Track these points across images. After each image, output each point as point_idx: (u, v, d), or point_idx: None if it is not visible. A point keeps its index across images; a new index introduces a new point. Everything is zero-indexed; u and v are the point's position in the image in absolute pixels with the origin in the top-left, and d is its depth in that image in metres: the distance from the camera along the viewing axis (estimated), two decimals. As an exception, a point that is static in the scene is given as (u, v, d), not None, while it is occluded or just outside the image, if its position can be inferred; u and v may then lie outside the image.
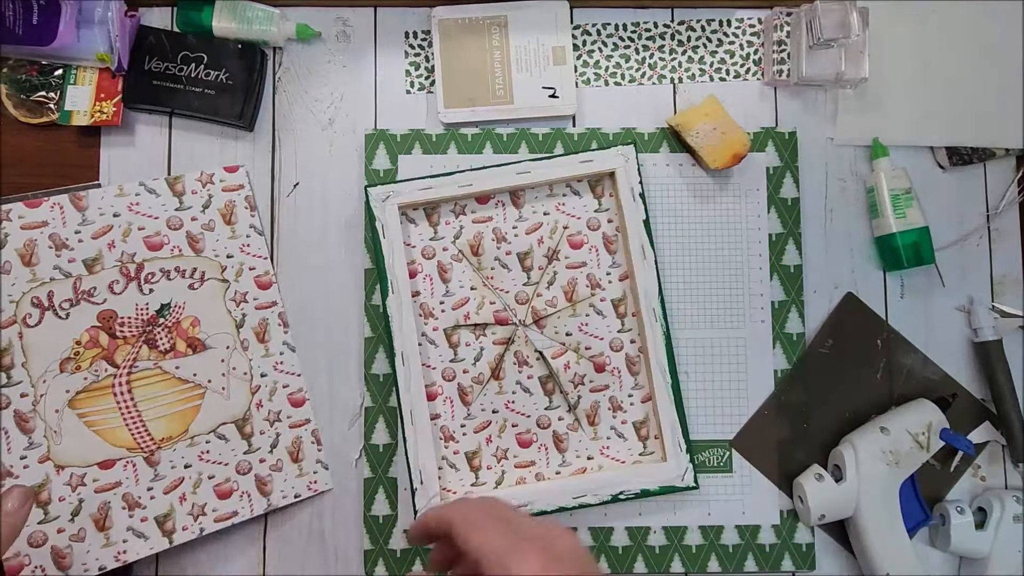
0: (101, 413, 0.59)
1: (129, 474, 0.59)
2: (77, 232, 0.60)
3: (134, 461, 0.59)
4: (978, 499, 0.64)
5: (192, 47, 0.64)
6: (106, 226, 0.60)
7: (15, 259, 0.58)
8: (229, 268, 0.62)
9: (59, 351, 0.58)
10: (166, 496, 0.60)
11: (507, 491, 0.61)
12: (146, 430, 0.60)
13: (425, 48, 0.67)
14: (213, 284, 0.62)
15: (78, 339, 0.59)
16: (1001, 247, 0.67)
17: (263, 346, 0.62)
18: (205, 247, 0.62)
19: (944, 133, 0.67)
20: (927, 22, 0.68)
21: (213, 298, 0.62)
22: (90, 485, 0.58)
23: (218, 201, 0.63)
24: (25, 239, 0.58)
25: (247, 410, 0.62)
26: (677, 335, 0.64)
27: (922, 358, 0.65)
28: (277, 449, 0.62)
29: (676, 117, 0.64)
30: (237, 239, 0.63)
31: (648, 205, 0.63)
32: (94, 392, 0.59)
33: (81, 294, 0.59)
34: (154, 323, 0.60)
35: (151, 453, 0.60)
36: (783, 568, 0.62)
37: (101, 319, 0.59)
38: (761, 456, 0.63)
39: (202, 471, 0.60)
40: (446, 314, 0.63)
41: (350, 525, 0.63)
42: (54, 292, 0.59)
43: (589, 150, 0.64)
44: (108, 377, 0.59)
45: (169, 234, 0.61)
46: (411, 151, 0.65)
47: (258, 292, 0.63)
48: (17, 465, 0.57)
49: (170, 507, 0.60)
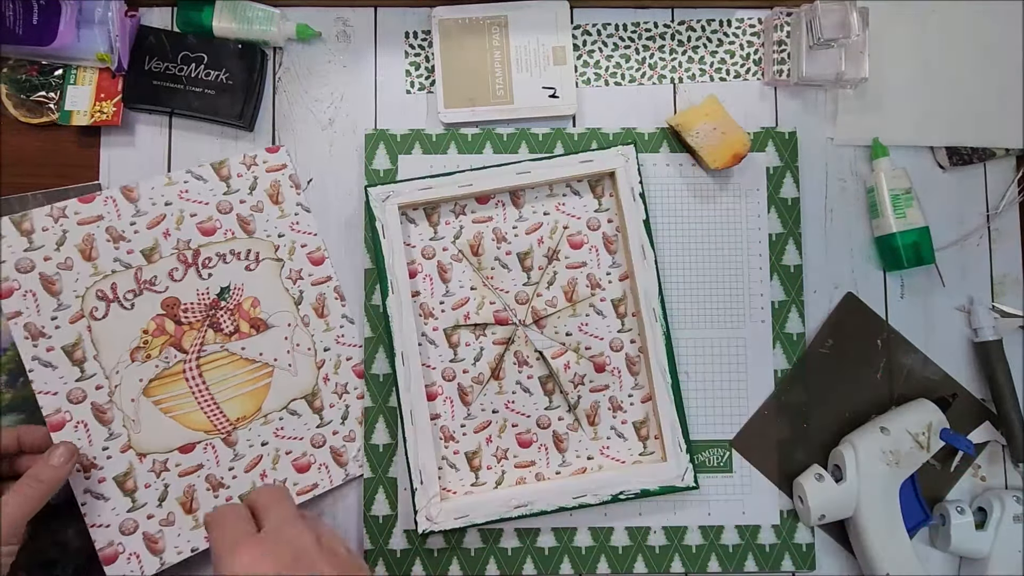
0: (176, 399, 0.60)
1: (210, 456, 0.60)
2: (132, 223, 0.60)
3: (213, 443, 0.60)
4: (978, 499, 0.64)
5: (192, 47, 0.64)
6: (159, 215, 0.61)
7: (76, 255, 0.59)
8: (282, 247, 0.63)
9: (128, 341, 0.59)
10: (247, 474, 0.61)
11: (507, 491, 0.61)
12: (221, 412, 0.61)
13: (425, 48, 0.67)
14: (268, 264, 0.63)
15: (145, 328, 0.60)
16: (1001, 247, 0.67)
17: (323, 321, 0.63)
18: (256, 228, 0.63)
19: (944, 133, 0.67)
20: (927, 22, 0.68)
21: (270, 278, 0.63)
22: (173, 470, 0.60)
23: (264, 182, 0.63)
24: (83, 234, 0.59)
25: (315, 384, 0.63)
26: (677, 335, 0.64)
27: (922, 358, 0.65)
28: (348, 420, 0.63)
29: (676, 117, 0.64)
30: (286, 218, 0.63)
31: (648, 205, 0.63)
32: (166, 379, 0.60)
33: (143, 284, 0.60)
34: (216, 307, 0.61)
35: (228, 434, 0.61)
36: (783, 568, 0.62)
37: (165, 307, 0.60)
38: (761, 456, 0.63)
39: (279, 447, 0.61)
40: (446, 314, 0.63)
41: (350, 525, 0.63)
42: (117, 284, 0.60)
43: (589, 150, 0.64)
44: (178, 363, 0.60)
45: (220, 218, 0.62)
46: (411, 151, 0.65)
47: (312, 268, 0.64)
48: (100, 456, 0.58)
49: (252, 484, 0.61)
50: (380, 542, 0.62)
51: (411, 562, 0.61)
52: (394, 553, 0.62)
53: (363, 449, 0.62)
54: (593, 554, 0.62)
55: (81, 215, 0.59)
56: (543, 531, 0.62)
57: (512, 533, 0.62)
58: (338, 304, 0.64)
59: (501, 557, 0.62)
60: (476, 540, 0.62)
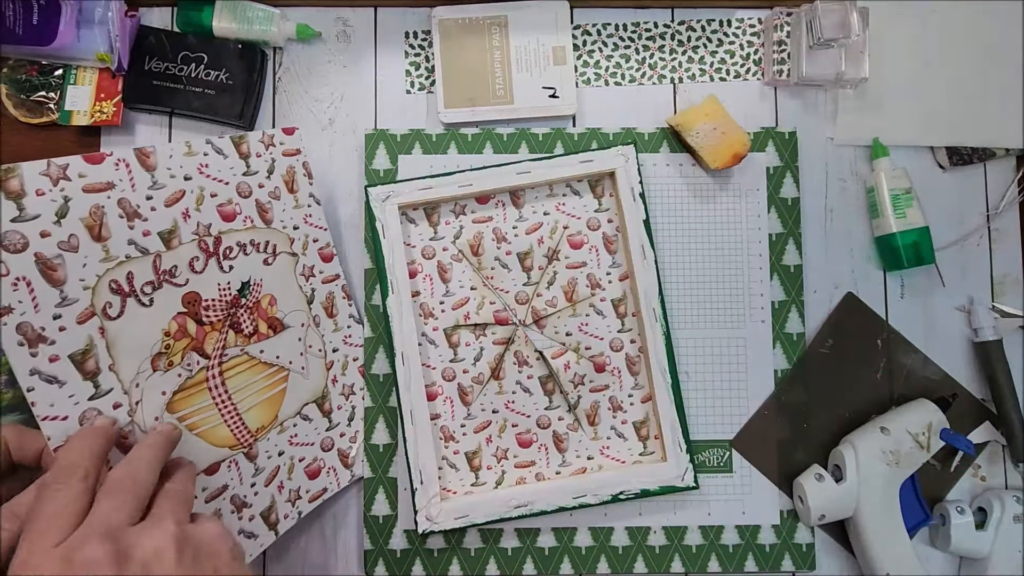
0: (200, 412, 0.51)
1: (234, 474, 0.54)
2: (149, 198, 0.49)
3: (236, 459, 0.54)
4: (978, 499, 0.64)
5: (192, 47, 0.64)
6: (178, 191, 0.51)
7: (82, 232, 0.45)
8: (296, 240, 0.58)
9: (149, 346, 0.48)
10: (267, 488, 0.56)
11: (507, 491, 0.61)
12: (243, 423, 0.54)
13: (425, 48, 0.67)
14: (284, 258, 0.57)
15: (167, 329, 0.49)
16: (1001, 247, 0.67)
17: (332, 321, 0.61)
18: (274, 218, 0.57)
19: (944, 133, 0.67)
20: (927, 22, 0.68)
21: (286, 273, 0.57)
22: (200, 496, 0.51)
23: (280, 166, 0.58)
24: (91, 205, 0.46)
25: (324, 387, 0.60)
26: (677, 335, 0.64)
27: (922, 358, 0.65)
28: (354, 422, 0.62)
29: (676, 117, 0.64)
30: (300, 208, 0.59)
31: (648, 205, 0.63)
32: (191, 390, 0.51)
33: (163, 274, 0.49)
34: (237, 304, 0.54)
35: (249, 447, 0.55)
36: (783, 568, 0.62)
37: (186, 303, 0.51)
38: (761, 456, 0.63)
39: (293, 455, 0.58)
40: (446, 314, 0.63)
41: (350, 525, 0.63)
42: (134, 273, 0.48)
43: (589, 150, 0.64)
44: (201, 371, 0.51)
45: (240, 203, 0.55)
46: (411, 151, 0.65)
47: (323, 265, 0.61)
48: None
49: (272, 499, 0.56)
50: (380, 542, 0.62)
51: (411, 562, 0.61)
52: (394, 553, 0.62)
53: (363, 449, 0.62)
54: (593, 554, 0.62)
55: (88, 179, 0.46)
56: (543, 531, 0.62)
57: (512, 533, 0.62)
58: (346, 304, 0.62)
59: (501, 557, 0.62)
60: (476, 540, 0.62)
